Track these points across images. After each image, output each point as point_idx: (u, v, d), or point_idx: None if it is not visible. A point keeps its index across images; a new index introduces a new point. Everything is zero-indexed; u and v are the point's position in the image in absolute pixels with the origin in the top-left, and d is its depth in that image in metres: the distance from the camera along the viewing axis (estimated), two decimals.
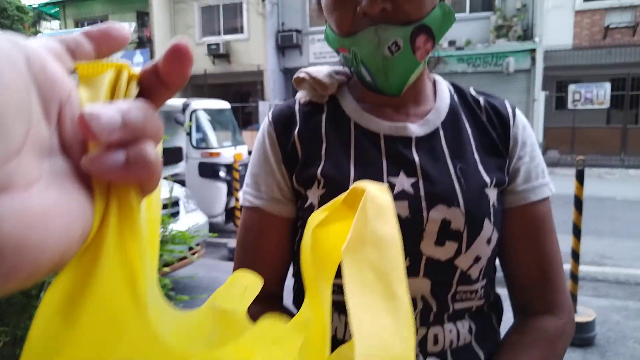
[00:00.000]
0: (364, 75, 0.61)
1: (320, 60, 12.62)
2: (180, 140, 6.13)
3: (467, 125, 0.65)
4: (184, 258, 3.21)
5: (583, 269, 3.98)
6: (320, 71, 0.68)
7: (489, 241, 0.59)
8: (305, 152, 0.64)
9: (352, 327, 0.27)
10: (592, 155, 10.69)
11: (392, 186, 0.59)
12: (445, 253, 0.58)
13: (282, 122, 0.67)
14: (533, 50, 11.25)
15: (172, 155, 6.27)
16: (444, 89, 0.69)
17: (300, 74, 0.68)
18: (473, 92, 0.70)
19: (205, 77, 13.68)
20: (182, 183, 4.78)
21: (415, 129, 0.63)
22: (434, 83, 0.70)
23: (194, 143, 5.43)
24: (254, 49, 13.26)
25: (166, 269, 1.56)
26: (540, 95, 11.26)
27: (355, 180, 0.59)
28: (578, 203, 2.84)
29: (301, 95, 0.69)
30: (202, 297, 1.63)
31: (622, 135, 10.92)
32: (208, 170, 5.26)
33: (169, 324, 0.25)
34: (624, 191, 8.06)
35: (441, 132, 0.64)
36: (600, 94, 10.81)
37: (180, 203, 3.65)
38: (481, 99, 0.68)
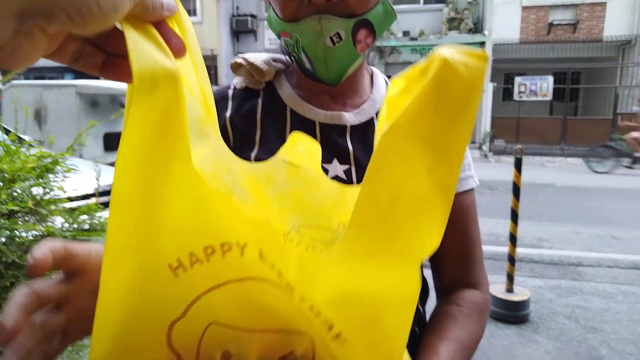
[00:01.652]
0: (303, 62, 0.61)
1: (276, 46, 12.46)
2: None
3: None
4: None
5: (522, 251, 4.20)
6: (258, 57, 0.67)
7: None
8: (237, 137, 0.64)
9: (356, 205, 0.28)
10: (535, 145, 11.25)
11: (325, 172, 0.60)
12: None
13: (215, 106, 0.66)
14: (483, 43, 11.64)
15: (118, 141, 6.03)
16: (381, 80, 0.70)
17: (237, 59, 0.67)
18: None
19: None
20: None
21: (350, 118, 0.64)
22: (372, 75, 0.71)
23: None
24: (207, 33, 12.90)
25: None
26: (489, 87, 11.68)
27: None
28: (516, 190, 2.98)
29: (237, 81, 0.69)
30: None
31: (562, 125, 11.54)
32: None
33: (234, 170, 0.31)
34: (563, 178, 8.54)
35: (376, 122, 0.65)
36: (544, 86, 11.36)
37: None
38: None
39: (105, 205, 1.36)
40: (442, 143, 0.28)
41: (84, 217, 1.09)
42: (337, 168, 0.61)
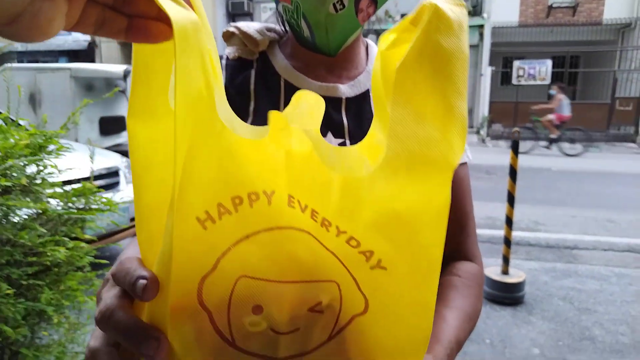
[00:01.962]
0: (302, 30, 0.59)
1: None
2: (122, 109, 5.85)
3: None
4: (124, 230, 3.11)
5: (518, 234, 4.23)
6: (251, 26, 0.65)
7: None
8: (231, 108, 0.62)
9: (390, 128, 0.30)
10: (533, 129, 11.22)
11: None
12: None
13: None
14: (481, 26, 11.53)
15: (114, 125, 5.99)
16: (376, 52, 0.68)
17: (230, 28, 0.65)
18: None
19: None
20: (124, 154, 4.60)
21: (346, 90, 0.62)
22: (367, 47, 0.70)
23: None
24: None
25: (99, 244, 1.49)
26: (487, 71, 11.62)
27: None
28: (513, 172, 2.98)
29: (230, 51, 0.67)
30: None
31: None
32: None
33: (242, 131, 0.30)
34: (560, 163, 8.56)
35: (370, 94, 0.64)
36: (542, 70, 11.29)
37: (121, 173, 3.51)
38: None
39: (103, 187, 1.35)
40: (447, 74, 0.31)
41: (79, 197, 1.09)
42: (331, 141, 0.60)
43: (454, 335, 0.50)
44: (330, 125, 0.61)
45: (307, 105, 0.34)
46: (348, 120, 0.61)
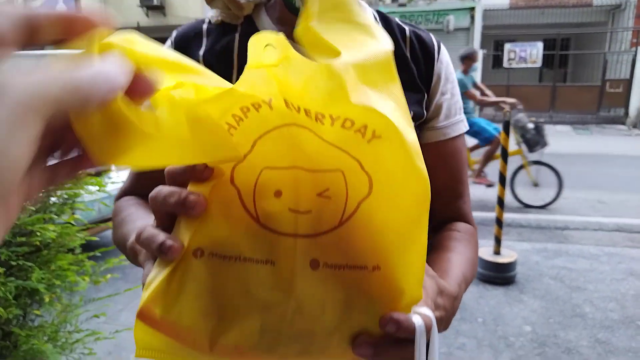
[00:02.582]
0: None
1: None
2: None
3: None
4: None
5: (509, 216, 4.26)
6: None
7: None
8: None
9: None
10: (524, 112, 11.25)
11: None
12: None
13: (184, 43, 0.62)
14: (472, 9, 11.46)
15: None
16: (369, 14, 0.66)
17: None
18: (399, 21, 0.68)
19: (139, 31, 12.78)
20: None
21: None
22: None
23: None
24: (190, 1, 12.52)
25: (94, 237, 1.46)
26: (479, 54, 11.58)
27: None
28: (504, 153, 3.00)
29: (213, 15, 0.64)
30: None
31: (551, 93, 11.54)
32: None
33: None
34: (551, 145, 8.60)
35: None
36: (534, 53, 11.28)
37: None
38: (407, 29, 0.66)
39: (94, 172, 1.33)
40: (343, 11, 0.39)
41: None
42: None
43: (460, 271, 0.52)
44: None
45: (262, 45, 0.36)
46: None
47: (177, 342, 0.34)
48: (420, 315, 0.36)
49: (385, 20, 0.67)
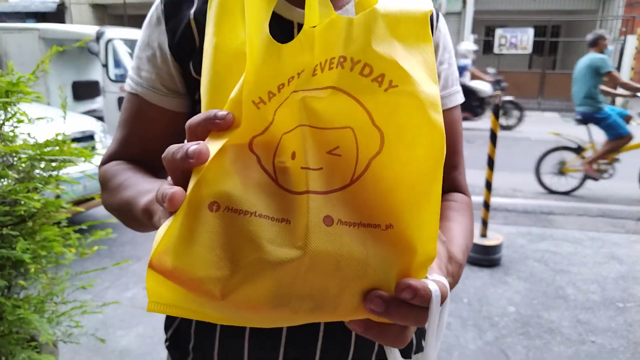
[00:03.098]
0: None
1: None
2: (96, 74, 5.63)
3: None
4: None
5: (496, 200, 4.31)
6: None
7: None
8: (204, 37, 0.58)
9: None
10: (514, 99, 11.31)
11: None
12: None
13: (174, 1, 0.59)
14: None
15: (89, 90, 5.78)
16: None
17: None
18: None
19: (125, 7, 12.50)
20: (100, 119, 4.46)
21: None
22: None
23: (112, 76, 5.01)
24: None
25: (79, 208, 1.43)
26: (469, 39, 11.55)
27: None
28: (493, 136, 3.01)
29: None
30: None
31: (540, 79, 11.60)
32: None
33: None
34: (539, 132, 8.68)
35: None
36: (524, 39, 11.29)
37: (97, 137, 3.41)
38: None
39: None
40: None
41: (52, 148, 1.04)
42: None
43: (463, 240, 0.53)
44: None
45: None
46: None
47: (189, 291, 0.34)
48: (436, 282, 0.35)
49: None
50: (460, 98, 0.67)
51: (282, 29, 0.57)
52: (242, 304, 0.34)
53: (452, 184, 0.67)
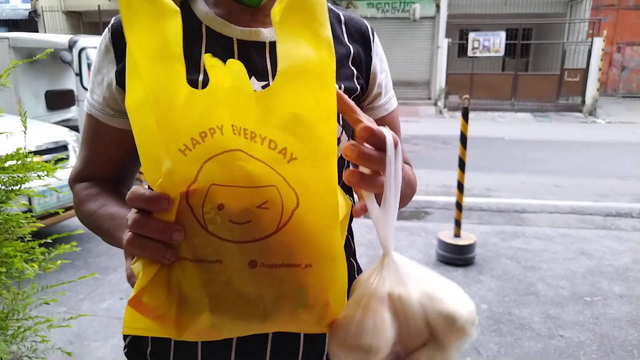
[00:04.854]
0: None
1: None
2: (70, 83, 5.54)
3: None
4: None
5: (471, 200, 4.40)
6: None
7: (338, 140, 0.63)
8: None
9: (279, 54, 0.40)
10: (487, 100, 11.55)
11: None
12: None
13: (121, 32, 0.62)
14: None
15: (62, 99, 5.68)
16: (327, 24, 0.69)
17: None
18: (333, 7, 0.71)
19: (100, 14, 12.34)
20: (75, 128, 4.40)
21: (268, 33, 0.62)
22: None
23: (86, 85, 4.95)
24: None
25: (39, 224, 1.39)
26: (443, 43, 11.75)
27: (204, 86, 0.58)
28: (463, 139, 3.08)
29: None
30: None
31: (513, 81, 11.87)
32: None
33: None
34: (512, 132, 8.88)
35: None
36: (497, 42, 11.54)
37: (70, 147, 3.37)
38: (341, 14, 0.70)
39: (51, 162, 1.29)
40: (311, 14, 0.41)
41: (12, 162, 1.03)
42: (255, 85, 0.60)
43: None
44: (253, 69, 0.61)
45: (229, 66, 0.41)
46: (271, 63, 0.62)
47: (157, 323, 0.44)
48: (389, 131, 0.43)
49: None
50: (395, 101, 0.73)
51: (223, 46, 0.61)
52: (196, 334, 0.44)
53: None
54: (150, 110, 0.40)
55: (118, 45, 0.62)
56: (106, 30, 0.64)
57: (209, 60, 0.40)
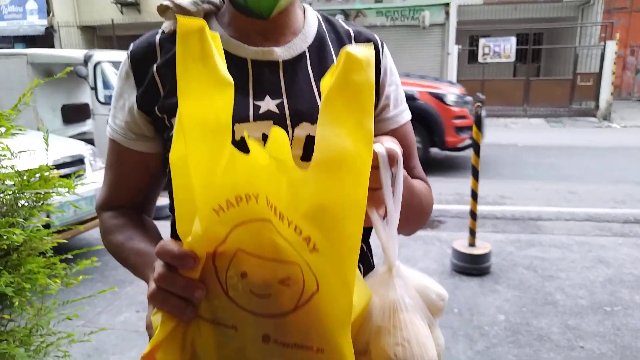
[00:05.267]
0: None
1: None
2: (85, 96, 5.64)
3: (333, 51, 0.68)
4: (92, 219, 3.05)
5: (485, 208, 4.36)
6: None
7: None
8: (167, 84, 0.63)
9: (317, 141, 0.40)
10: (499, 106, 11.45)
11: (257, 108, 0.61)
12: None
13: (140, 58, 0.65)
14: (447, 5, 11.60)
15: (79, 113, 5.78)
16: (313, 16, 0.70)
17: (164, 1, 0.65)
18: (343, 23, 0.73)
19: (113, 28, 12.58)
20: (90, 142, 4.47)
21: (282, 52, 0.64)
22: (304, 11, 0.71)
23: (101, 99, 5.04)
24: None
25: (62, 239, 1.38)
26: (453, 49, 11.73)
27: None
28: (476, 147, 3.06)
29: (166, 25, 0.66)
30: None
31: (525, 87, 11.77)
32: None
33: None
34: (525, 138, 8.79)
35: (307, 56, 0.65)
36: (507, 48, 11.48)
37: (86, 161, 3.42)
38: (351, 29, 0.71)
39: (68, 176, 1.32)
40: (358, 100, 0.41)
41: (35, 178, 1.06)
42: (269, 103, 0.62)
43: (417, 182, 0.62)
44: (267, 89, 0.62)
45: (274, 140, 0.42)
46: (285, 81, 0.63)
47: None
48: (385, 147, 0.43)
49: (328, 22, 0.72)
50: (408, 115, 0.73)
51: (238, 67, 0.62)
52: None
53: (413, 177, 0.72)
54: (189, 168, 0.42)
55: (137, 70, 0.64)
56: (126, 56, 0.66)
57: (252, 142, 0.41)
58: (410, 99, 5.42)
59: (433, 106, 5.89)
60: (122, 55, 5.56)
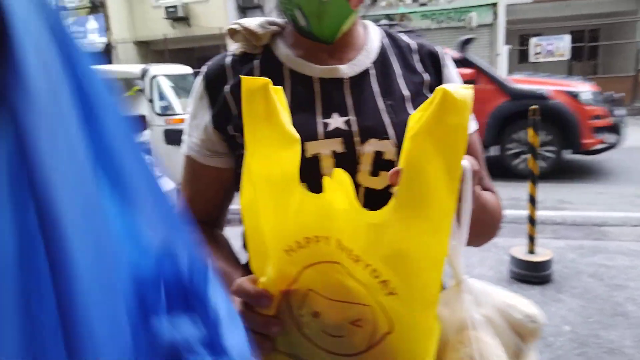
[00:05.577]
0: (298, 19, 0.63)
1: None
2: (143, 108, 5.94)
3: (397, 66, 0.69)
4: None
5: (543, 213, 4.17)
6: (253, 21, 0.69)
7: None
8: (238, 104, 0.65)
9: (401, 184, 0.40)
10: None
11: (326, 125, 0.63)
12: (380, 182, 0.61)
13: (213, 79, 0.68)
14: (495, 5, 11.28)
15: (136, 124, 6.08)
16: (375, 32, 0.72)
17: (234, 25, 0.69)
18: (404, 37, 0.73)
19: (166, 42, 13.15)
20: (147, 152, 4.68)
21: (346, 69, 0.65)
22: (365, 28, 0.72)
23: (158, 110, 5.28)
24: (214, 11, 12.77)
25: None
26: (503, 50, 11.38)
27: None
28: (533, 150, 2.95)
29: (235, 47, 0.70)
30: None
31: None
32: (174, 137, 5.16)
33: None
34: None
35: (371, 72, 0.67)
36: (561, 46, 11.01)
37: None
38: (411, 42, 0.72)
39: None
40: (450, 143, 0.39)
41: None
42: (337, 121, 0.63)
43: (487, 194, 0.62)
44: (334, 106, 0.63)
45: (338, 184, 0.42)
46: (351, 98, 0.64)
47: None
48: (467, 160, 0.43)
49: (390, 36, 0.72)
50: (474, 125, 0.72)
51: (304, 85, 0.64)
52: None
53: (482, 188, 0.71)
54: (258, 211, 0.44)
55: (211, 92, 0.68)
56: (200, 77, 0.70)
57: (326, 180, 0.41)
58: (540, 98, 5.30)
59: (568, 105, 5.40)
60: (175, 69, 5.82)
